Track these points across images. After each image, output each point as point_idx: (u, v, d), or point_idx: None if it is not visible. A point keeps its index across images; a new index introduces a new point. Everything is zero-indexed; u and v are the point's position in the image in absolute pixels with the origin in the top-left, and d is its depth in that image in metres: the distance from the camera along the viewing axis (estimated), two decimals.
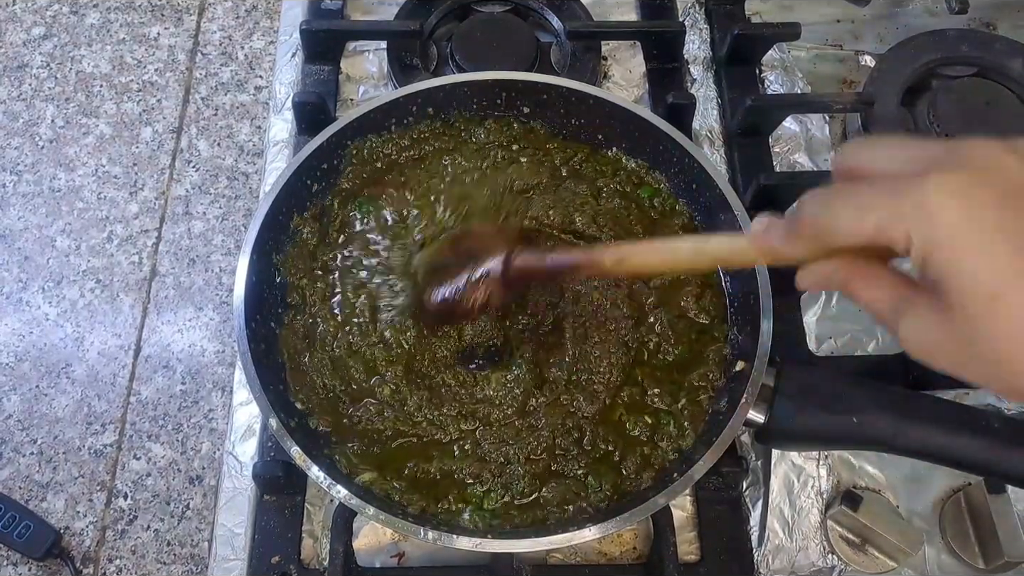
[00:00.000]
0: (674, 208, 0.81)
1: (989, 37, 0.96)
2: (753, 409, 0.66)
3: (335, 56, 0.94)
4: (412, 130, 0.82)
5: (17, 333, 0.84)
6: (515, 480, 0.68)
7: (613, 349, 0.73)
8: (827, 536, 0.72)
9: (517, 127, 0.84)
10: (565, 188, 0.80)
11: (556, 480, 0.69)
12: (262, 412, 0.67)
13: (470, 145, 0.83)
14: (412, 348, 0.73)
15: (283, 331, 0.74)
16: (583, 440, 0.70)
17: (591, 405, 0.71)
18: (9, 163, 0.92)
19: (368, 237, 0.78)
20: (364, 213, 0.79)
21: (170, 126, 0.95)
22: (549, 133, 0.84)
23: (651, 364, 0.74)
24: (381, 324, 0.74)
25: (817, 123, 0.91)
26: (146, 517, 0.76)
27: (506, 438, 0.70)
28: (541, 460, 0.70)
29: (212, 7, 1.03)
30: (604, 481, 0.69)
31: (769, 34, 0.93)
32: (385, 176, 0.81)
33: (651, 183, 0.82)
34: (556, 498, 0.68)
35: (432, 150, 0.83)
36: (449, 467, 0.69)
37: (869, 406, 0.63)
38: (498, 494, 0.68)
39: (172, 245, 0.88)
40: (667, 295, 0.77)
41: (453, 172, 0.81)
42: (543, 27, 0.97)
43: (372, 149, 0.81)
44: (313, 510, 0.74)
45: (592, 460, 0.70)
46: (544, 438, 0.70)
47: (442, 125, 0.83)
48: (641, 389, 0.73)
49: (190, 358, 0.83)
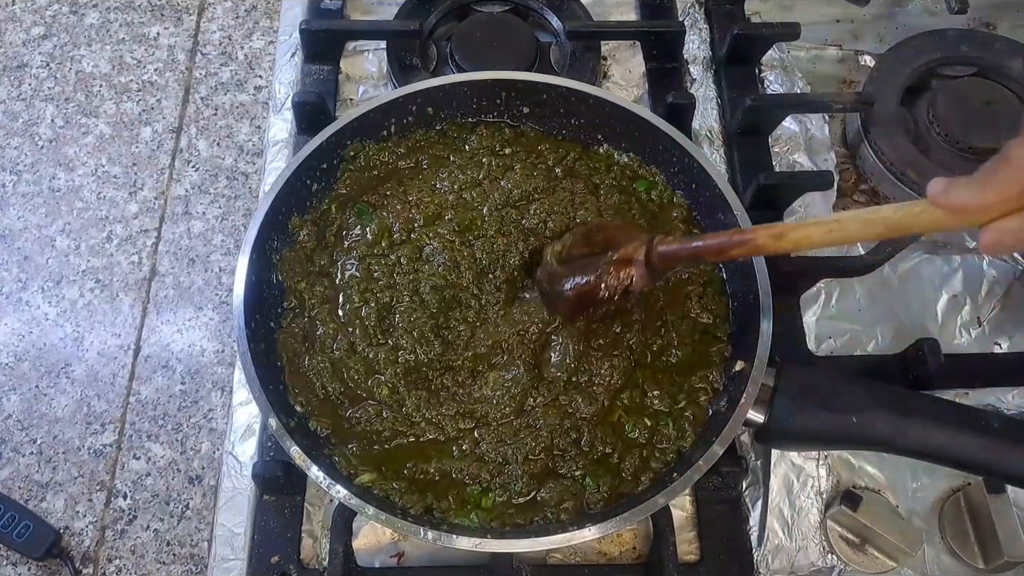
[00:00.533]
0: (672, 200, 0.81)
1: (989, 37, 0.96)
2: (753, 409, 0.66)
3: (335, 56, 0.94)
4: (408, 138, 0.83)
5: (17, 333, 0.84)
6: (513, 480, 0.68)
7: (616, 351, 0.73)
8: (827, 536, 0.72)
9: (508, 132, 0.84)
10: (562, 188, 0.80)
11: (554, 480, 0.69)
12: (262, 412, 0.67)
13: (464, 153, 0.83)
14: (423, 355, 0.72)
15: (281, 335, 0.74)
16: (581, 441, 0.70)
17: (590, 406, 0.71)
18: (9, 163, 0.92)
19: (365, 243, 0.78)
20: (362, 219, 0.79)
21: (170, 126, 0.95)
22: (540, 135, 0.84)
23: (653, 366, 0.74)
24: (393, 329, 0.74)
25: (817, 123, 0.91)
26: (146, 517, 0.76)
27: (504, 438, 0.70)
28: (539, 460, 0.69)
29: (212, 7, 1.03)
30: (602, 483, 0.68)
31: (769, 34, 0.93)
32: (383, 183, 0.81)
33: (646, 176, 0.82)
34: (554, 499, 0.68)
35: (428, 158, 0.82)
36: (448, 467, 0.69)
37: (869, 406, 0.63)
38: (496, 494, 0.68)
39: (172, 245, 0.88)
40: (669, 295, 0.76)
41: (449, 180, 0.80)
42: (543, 27, 0.97)
43: (369, 156, 0.81)
44: (313, 510, 0.74)
45: (590, 461, 0.70)
46: (542, 438, 0.70)
47: (436, 134, 0.83)
48: (641, 391, 0.73)
49: (190, 358, 0.83)
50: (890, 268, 0.83)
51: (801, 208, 0.86)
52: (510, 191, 0.79)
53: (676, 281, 0.77)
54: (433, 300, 0.73)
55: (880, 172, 0.89)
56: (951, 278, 0.84)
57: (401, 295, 0.74)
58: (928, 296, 0.84)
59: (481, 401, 0.71)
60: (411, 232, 0.77)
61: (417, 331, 0.72)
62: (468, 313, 0.74)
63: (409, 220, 0.78)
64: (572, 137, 0.84)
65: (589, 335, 0.73)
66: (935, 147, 0.90)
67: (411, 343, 0.72)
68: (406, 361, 0.72)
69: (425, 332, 0.72)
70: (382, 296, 0.74)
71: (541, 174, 0.81)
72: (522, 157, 0.82)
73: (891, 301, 0.84)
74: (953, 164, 0.88)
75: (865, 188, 0.91)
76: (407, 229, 0.78)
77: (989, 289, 0.84)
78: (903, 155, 0.87)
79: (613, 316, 0.72)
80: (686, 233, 0.79)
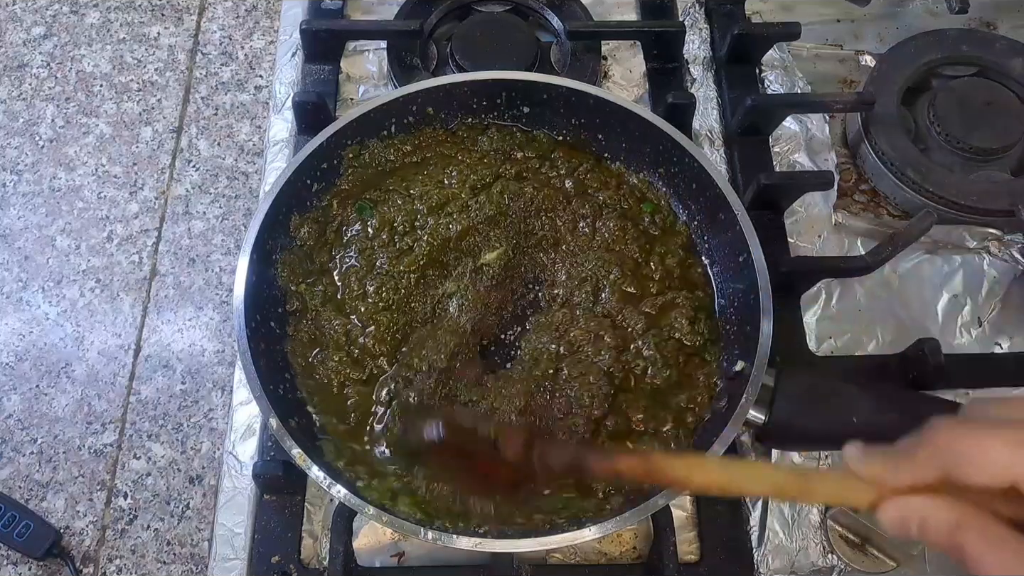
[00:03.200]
0: (673, 226, 0.81)
1: (989, 37, 0.96)
2: (753, 409, 0.66)
3: (335, 56, 0.94)
4: (415, 135, 0.82)
5: (17, 333, 0.84)
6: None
7: (593, 380, 0.71)
8: (827, 536, 0.72)
9: (519, 135, 0.84)
10: (570, 209, 0.79)
11: (535, 504, 0.67)
12: (262, 412, 0.67)
13: (473, 153, 0.83)
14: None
15: (290, 343, 0.74)
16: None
17: (571, 437, 0.69)
18: (9, 163, 0.92)
19: (365, 236, 0.78)
20: (363, 215, 0.79)
21: (170, 126, 0.95)
22: (552, 140, 0.84)
23: (636, 391, 0.73)
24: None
25: (817, 123, 0.91)
26: (146, 517, 0.76)
27: None
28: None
29: (212, 7, 1.03)
30: (574, 510, 0.67)
31: (769, 34, 0.93)
32: (386, 180, 0.81)
33: (652, 199, 0.82)
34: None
35: (434, 156, 0.82)
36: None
37: (869, 406, 0.63)
38: None
39: (172, 245, 0.88)
40: (654, 319, 0.75)
41: (459, 179, 0.81)
42: (543, 27, 0.97)
43: (374, 154, 0.81)
44: (313, 510, 0.74)
45: (576, 495, 0.68)
46: None
47: (444, 132, 0.83)
48: (625, 418, 0.71)
49: (190, 357, 0.83)
50: (890, 268, 0.83)
51: (801, 208, 0.86)
52: (516, 199, 0.79)
53: (664, 304, 0.76)
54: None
55: (880, 172, 0.89)
56: (951, 278, 0.84)
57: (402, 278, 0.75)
58: (928, 296, 0.84)
59: None
60: (414, 222, 0.78)
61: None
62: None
63: (412, 213, 0.78)
64: (574, 139, 0.84)
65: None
66: (936, 147, 0.90)
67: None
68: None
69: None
70: (386, 280, 0.75)
71: (551, 191, 0.80)
72: (535, 164, 0.82)
73: (891, 301, 0.84)
74: (953, 164, 0.88)
75: (865, 188, 0.91)
76: (410, 221, 0.78)
77: (989, 289, 0.84)
78: (904, 155, 0.87)
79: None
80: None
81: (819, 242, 0.85)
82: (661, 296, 0.77)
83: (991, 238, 0.85)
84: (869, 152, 0.89)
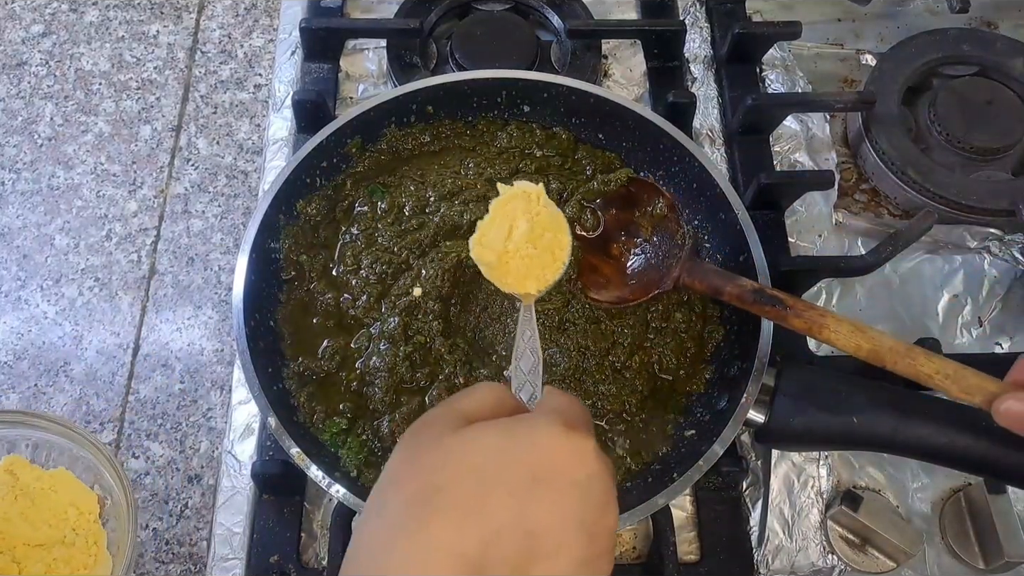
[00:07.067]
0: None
1: (990, 36, 0.96)
2: (753, 409, 0.66)
3: (335, 54, 0.94)
4: (433, 125, 0.83)
5: (16, 331, 0.84)
6: None
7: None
8: (827, 536, 0.72)
9: (540, 133, 0.83)
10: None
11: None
12: (261, 411, 0.67)
13: (492, 148, 0.83)
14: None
15: (281, 310, 0.75)
16: None
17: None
18: (8, 161, 0.92)
19: (373, 216, 0.78)
20: (374, 198, 0.79)
21: (169, 124, 0.95)
22: (573, 139, 0.84)
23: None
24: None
25: (818, 122, 0.91)
26: (144, 516, 0.76)
27: None
28: None
29: (211, 5, 1.03)
30: None
31: (770, 33, 0.93)
32: (402, 167, 0.81)
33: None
34: None
35: (452, 147, 0.83)
36: None
37: (869, 406, 0.63)
38: None
39: (171, 243, 0.88)
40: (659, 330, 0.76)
41: (474, 171, 0.81)
42: (543, 25, 0.97)
43: (391, 140, 0.81)
44: (312, 509, 0.73)
45: None
46: None
47: (464, 125, 0.83)
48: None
49: (189, 357, 0.83)
50: (891, 268, 0.83)
51: (802, 208, 0.86)
52: None
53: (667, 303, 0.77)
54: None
55: (881, 171, 0.89)
56: (952, 278, 0.84)
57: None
58: (929, 296, 0.84)
59: None
60: (424, 207, 0.78)
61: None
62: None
63: (423, 199, 0.79)
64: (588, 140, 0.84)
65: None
66: (936, 146, 0.89)
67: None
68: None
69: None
70: (382, 258, 0.76)
71: (576, 201, 0.79)
72: (556, 163, 0.82)
73: (892, 301, 0.84)
74: (954, 163, 0.88)
75: (866, 188, 0.91)
76: (420, 206, 0.78)
77: (990, 289, 0.84)
78: (904, 154, 0.87)
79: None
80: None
81: (819, 242, 0.85)
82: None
83: (992, 238, 0.85)
84: (870, 151, 0.89)
